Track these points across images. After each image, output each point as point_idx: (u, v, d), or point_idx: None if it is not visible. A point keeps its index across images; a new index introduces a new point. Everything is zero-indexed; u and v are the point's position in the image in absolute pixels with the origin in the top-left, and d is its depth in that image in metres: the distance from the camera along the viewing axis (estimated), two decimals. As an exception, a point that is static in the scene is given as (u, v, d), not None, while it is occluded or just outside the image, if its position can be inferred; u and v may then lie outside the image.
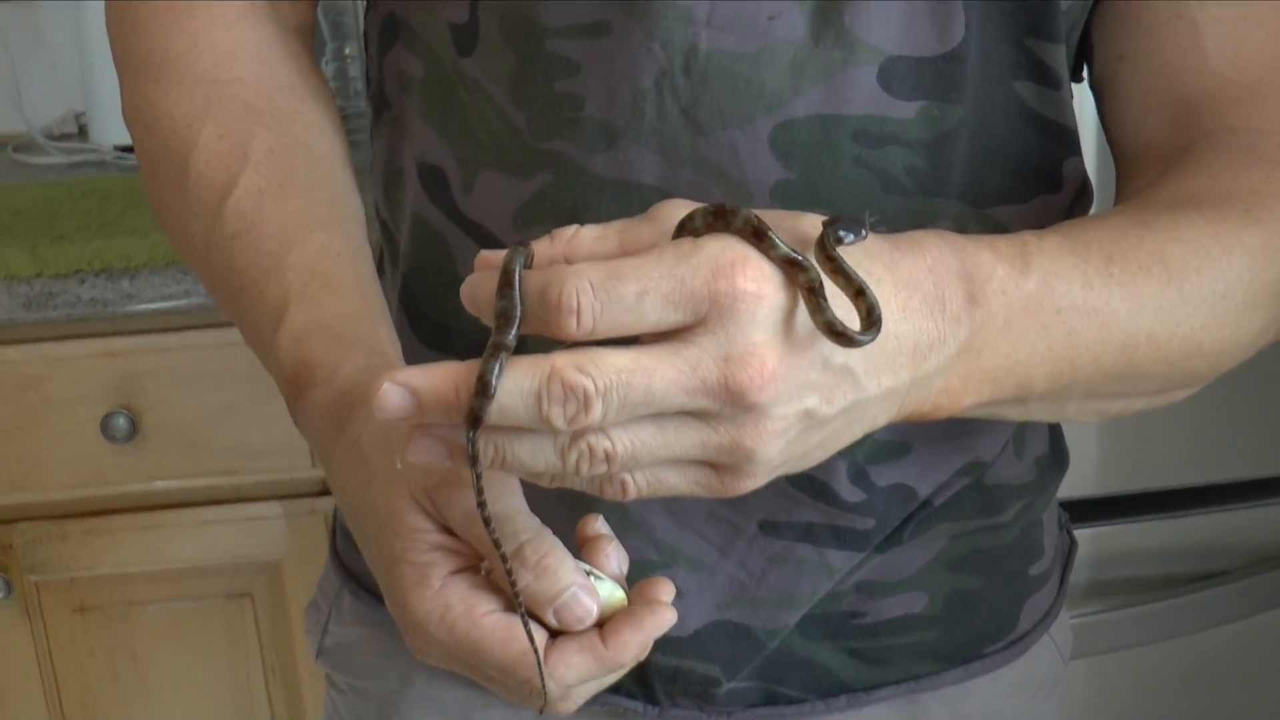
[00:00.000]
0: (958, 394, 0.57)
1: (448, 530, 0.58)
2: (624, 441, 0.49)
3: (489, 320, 0.50)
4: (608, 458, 0.49)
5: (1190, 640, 1.51)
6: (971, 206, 0.70)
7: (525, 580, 0.54)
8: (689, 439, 0.50)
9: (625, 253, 0.51)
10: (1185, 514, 1.50)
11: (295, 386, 0.65)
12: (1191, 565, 1.51)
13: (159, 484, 1.43)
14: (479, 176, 0.72)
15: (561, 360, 0.48)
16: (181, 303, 1.35)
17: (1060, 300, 0.58)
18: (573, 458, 0.50)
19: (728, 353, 0.48)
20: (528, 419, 0.48)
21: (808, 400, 0.50)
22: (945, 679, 0.81)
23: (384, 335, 0.68)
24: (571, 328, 0.48)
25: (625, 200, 0.69)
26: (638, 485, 0.51)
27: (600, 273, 0.48)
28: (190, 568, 1.46)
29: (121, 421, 1.38)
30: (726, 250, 0.48)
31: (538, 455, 0.50)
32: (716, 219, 0.50)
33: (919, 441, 0.73)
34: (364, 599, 0.86)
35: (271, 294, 0.68)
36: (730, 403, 0.48)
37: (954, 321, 0.54)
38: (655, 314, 0.48)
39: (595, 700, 0.65)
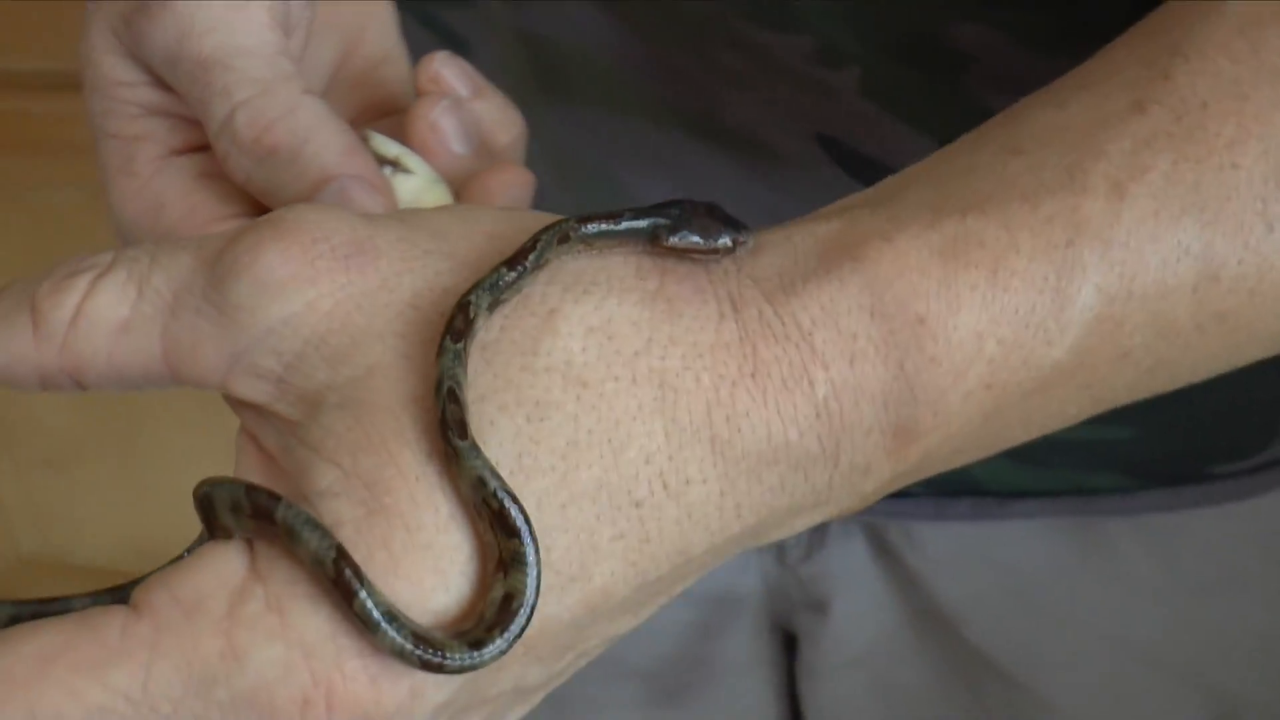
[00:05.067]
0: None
1: (166, 85, 0.40)
2: None
3: None
4: None
5: None
6: None
7: (242, 172, 0.37)
8: None
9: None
10: None
11: None
12: None
13: None
14: None
15: None
16: None
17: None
18: None
19: None
20: None
21: None
22: (1135, 503, 0.55)
23: None
24: None
25: None
26: None
27: None
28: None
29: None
30: (291, 675, 0.27)
31: None
32: (258, 518, 0.27)
33: None
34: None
35: None
36: None
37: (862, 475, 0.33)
38: None
39: None
